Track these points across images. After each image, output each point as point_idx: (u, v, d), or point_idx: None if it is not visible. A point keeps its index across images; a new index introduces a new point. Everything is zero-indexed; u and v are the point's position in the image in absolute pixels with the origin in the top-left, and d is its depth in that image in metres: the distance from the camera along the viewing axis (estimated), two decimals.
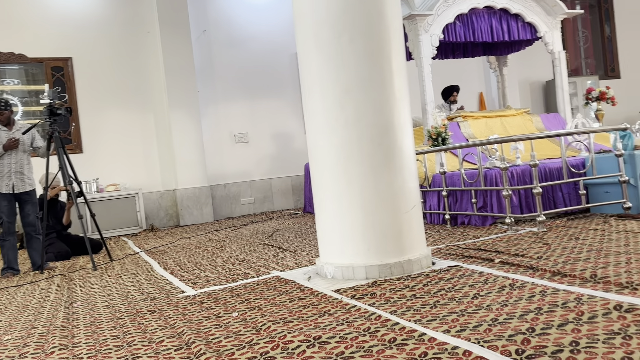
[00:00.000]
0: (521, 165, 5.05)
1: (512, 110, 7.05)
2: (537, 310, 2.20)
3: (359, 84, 3.21)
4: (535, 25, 6.50)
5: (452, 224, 5.23)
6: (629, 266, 2.79)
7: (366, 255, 3.22)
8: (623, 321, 1.96)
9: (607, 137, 5.81)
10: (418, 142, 6.21)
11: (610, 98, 6.58)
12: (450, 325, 2.13)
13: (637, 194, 4.58)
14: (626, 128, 4.72)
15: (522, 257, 3.33)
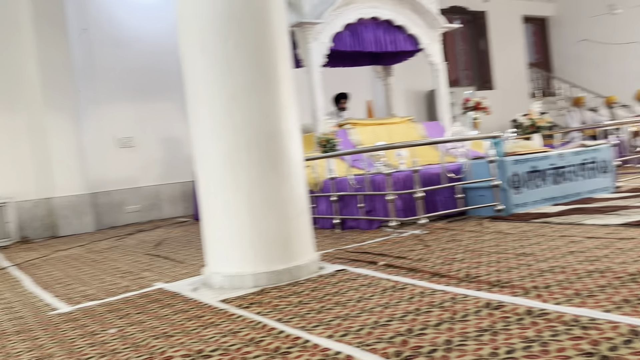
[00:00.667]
0: (405, 170, 5.27)
1: (397, 118, 7.36)
2: (415, 311, 2.29)
3: (246, 90, 3.17)
4: (418, 37, 6.84)
5: (341, 228, 5.33)
6: (498, 265, 2.99)
7: (254, 262, 3.18)
8: (491, 318, 2.09)
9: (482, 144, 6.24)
10: (309, 148, 6.28)
11: (485, 108, 7.08)
12: (335, 330, 2.16)
13: (507, 197, 4.96)
14: (498, 136, 5.10)
15: (404, 259, 3.47)
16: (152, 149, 8.69)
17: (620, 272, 2.54)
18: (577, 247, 3.24)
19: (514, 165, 5.02)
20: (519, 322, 2.00)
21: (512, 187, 4.99)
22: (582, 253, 3.05)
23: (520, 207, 5.01)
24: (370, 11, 6.43)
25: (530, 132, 6.42)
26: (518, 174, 5.04)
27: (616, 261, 2.77)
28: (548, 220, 4.34)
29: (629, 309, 2.02)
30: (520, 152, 5.20)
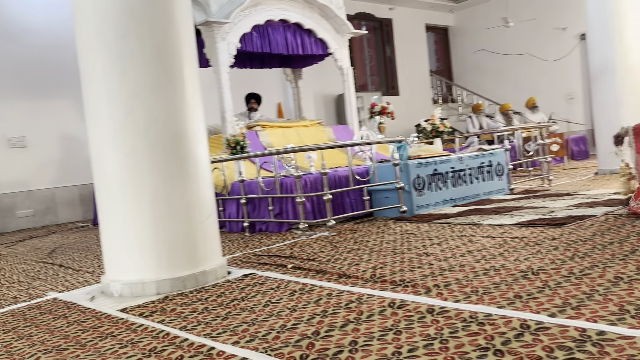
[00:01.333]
0: (314, 173, 5.31)
1: (306, 121, 7.40)
2: (322, 313, 2.30)
3: (148, 87, 3.04)
4: (326, 41, 6.92)
5: (250, 231, 5.27)
6: (402, 265, 3.08)
7: (157, 269, 3.05)
8: (395, 317, 2.14)
9: (388, 148, 6.42)
10: (217, 150, 6.16)
11: (390, 113, 7.30)
12: (240, 336, 2.11)
13: (411, 199, 5.13)
14: (402, 140, 5.27)
15: (313, 261, 3.48)
16: (47, 149, 8.14)
17: (513, 270, 2.69)
18: (474, 246, 3.41)
19: (417, 169, 5.21)
20: (421, 321, 2.06)
21: (415, 189, 5.17)
22: (479, 252, 3.21)
23: (423, 208, 5.21)
24: (279, 13, 6.43)
25: (432, 137, 6.70)
26: (421, 177, 5.23)
27: (510, 259, 2.94)
28: (448, 221, 4.54)
29: (520, 304, 2.14)
30: (423, 156, 5.40)
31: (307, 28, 6.70)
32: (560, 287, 2.31)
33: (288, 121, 7.54)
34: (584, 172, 7.87)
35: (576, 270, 2.54)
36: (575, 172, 8.05)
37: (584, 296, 2.15)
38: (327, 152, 5.42)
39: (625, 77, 7.64)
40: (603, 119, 7.26)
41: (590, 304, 2.05)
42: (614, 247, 2.95)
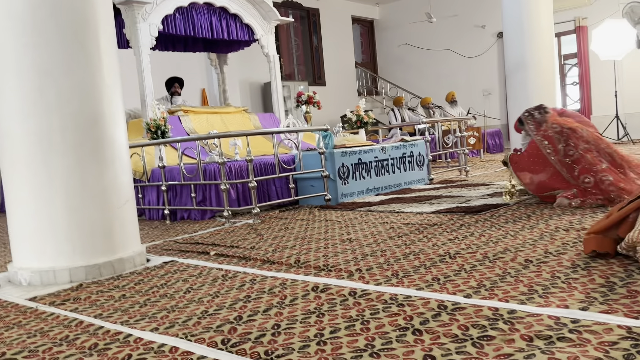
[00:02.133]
0: (239, 160, 5.24)
1: (232, 107, 7.28)
2: (245, 299, 2.27)
3: (63, 66, 2.87)
4: (253, 27, 6.82)
5: (171, 219, 5.13)
6: (326, 251, 3.10)
7: (71, 256, 2.90)
8: (318, 300, 2.15)
9: (313, 137, 6.45)
10: (137, 134, 5.93)
11: (317, 102, 7.33)
12: (160, 323, 2.05)
13: (336, 187, 5.18)
14: (327, 129, 5.30)
15: (237, 248, 3.43)
16: None
17: (432, 254, 2.78)
18: (395, 232, 3.49)
19: (342, 158, 5.27)
20: (343, 303, 2.08)
21: (340, 178, 5.23)
22: (400, 238, 3.30)
23: (347, 196, 5.28)
24: None
25: (357, 127, 6.80)
26: (346, 166, 5.30)
27: (428, 244, 3.04)
28: (371, 209, 4.63)
29: (438, 286, 2.22)
30: (348, 145, 5.47)
31: (232, 12, 6.57)
32: (476, 270, 2.41)
33: (212, 107, 7.39)
34: (499, 165, 8.27)
35: (490, 255, 2.66)
36: (491, 164, 8.45)
37: (497, 278, 2.26)
38: (253, 139, 5.36)
39: (536, 74, 8.10)
40: (516, 114, 7.63)
41: (502, 285, 2.16)
42: (525, 233, 3.11)
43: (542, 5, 8.12)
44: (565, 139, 4.01)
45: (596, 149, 3.97)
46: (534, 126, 4.24)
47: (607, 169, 3.84)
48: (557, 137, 4.04)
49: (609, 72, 10.55)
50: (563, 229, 3.13)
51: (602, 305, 1.81)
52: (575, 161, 3.94)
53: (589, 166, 3.88)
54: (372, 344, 1.65)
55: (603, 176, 3.81)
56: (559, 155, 4.00)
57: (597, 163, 3.88)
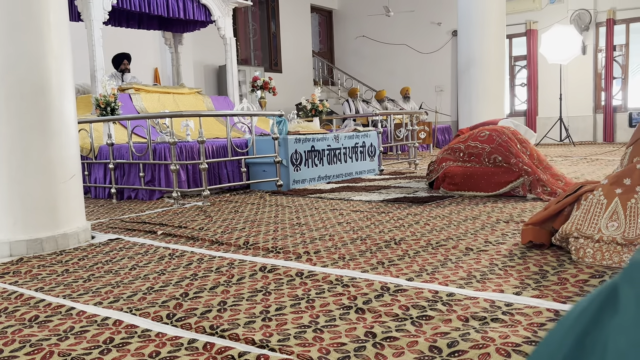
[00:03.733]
0: (190, 142, 5.18)
1: (185, 88, 7.17)
2: (192, 277, 2.28)
3: (9, 32, 2.76)
4: (209, 8, 6.73)
5: (118, 198, 5.03)
6: (275, 234, 3.13)
7: (12, 230, 2.82)
8: (265, 280, 2.18)
9: (267, 122, 6.44)
10: (85, 110, 5.76)
11: (272, 88, 7.30)
12: (104, 297, 2.03)
13: (288, 173, 5.21)
14: (282, 115, 5.31)
15: (185, 228, 3.41)
16: None
17: (378, 240, 2.86)
18: (344, 219, 3.56)
19: (296, 144, 5.30)
20: (290, 283, 2.12)
21: (292, 164, 5.25)
22: (349, 224, 3.36)
23: (299, 183, 5.32)
24: None
25: (311, 116, 6.83)
26: (299, 152, 5.33)
27: (375, 231, 3.11)
28: (322, 196, 4.68)
29: (382, 269, 2.29)
30: (302, 132, 5.50)
31: None
32: (419, 256, 2.49)
33: (165, 87, 7.25)
34: None
35: (433, 242, 2.76)
36: None
37: (439, 264, 2.34)
38: (206, 121, 5.32)
39: (487, 73, 8.33)
40: (465, 111, 7.87)
41: (443, 270, 2.24)
42: (467, 223, 3.23)
43: (495, 6, 8.35)
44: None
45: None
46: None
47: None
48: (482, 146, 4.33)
49: (555, 75, 10.97)
50: (503, 220, 3.27)
51: (534, 291, 1.92)
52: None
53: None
54: (317, 321, 1.69)
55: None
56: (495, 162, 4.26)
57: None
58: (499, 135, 4.28)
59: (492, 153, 4.22)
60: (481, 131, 4.42)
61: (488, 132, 4.35)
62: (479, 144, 4.32)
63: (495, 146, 4.22)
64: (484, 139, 4.32)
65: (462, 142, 4.47)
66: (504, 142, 4.21)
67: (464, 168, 4.33)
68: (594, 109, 11.21)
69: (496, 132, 4.32)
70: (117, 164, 5.02)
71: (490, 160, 4.22)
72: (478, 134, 4.41)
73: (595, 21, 10.92)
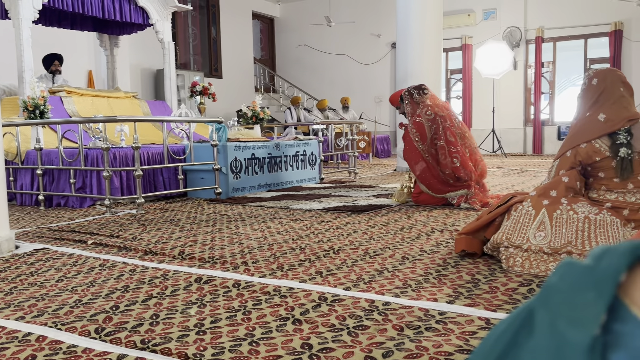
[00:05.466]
0: (125, 147, 5.01)
1: (120, 92, 6.95)
2: (123, 289, 2.19)
3: None
4: (148, 11, 6.57)
5: (46, 205, 4.80)
6: (212, 244, 3.07)
7: None
8: (201, 292, 2.13)
9: (207, 128, 6.34)
10: (12, 113, 5.48)
11: (212, 94, 7.21)
12: (26, 312, 1.92)
13: (227, 181, 5.14)
14: (221, 121, 5.23)
15: (117, 238, 3.29)
16: None
17: (317, 249, 2.86)
18: (284, 228, 3.54)
19: (235, 152, 5.23)
20: (227, 295, 2.08)
21: (232, 171, 5.19)
22: (288, 233, 3.35)
23: (238, 191, 5.25)
24: None
25: (252, 123, 6.78)
26: (238, 160, 5.27)
27: (314, 240, 3.11)
28: (262, 204, 4.64)
29: (320, 279, 2.29)
30: (242, 139, 5.44)
31: None
32: (356, 265, 2.51)
33: (99, 90, 7.00)
34: (385, 169, 8.64)
35: (371, 251, 2.78)
36: (378, 168, 8.80)
37: (376, 273, 2.37)
38: (141, 126, 5.17)
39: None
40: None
41: (380, 279, 2.27)
42: (404, 232, 3.29)
43: (433, 21, 8.59)
44: (436, 127, 4.29)
45: (461, 141, 4.31)
46: (410, 108, 4.44)
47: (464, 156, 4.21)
48: (427, 124, 4.30)
49: (488, 89, 11.41)
50: (438, 230, 3.35)
51: (466, 299, 1.97)
52: (440, 147, 4.25)
53: (452, 148, 4.21)
54: (252, 333, 1.67)
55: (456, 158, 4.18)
56: (426, 145, 4.28)
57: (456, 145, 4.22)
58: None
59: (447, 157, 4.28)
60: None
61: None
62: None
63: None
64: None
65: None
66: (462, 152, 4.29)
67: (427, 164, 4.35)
68: (524, 122, 11.73)
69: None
70: (45, 169, 4.79)
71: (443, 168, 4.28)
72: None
73: (525, 38, 11.46)
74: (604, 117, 2.42)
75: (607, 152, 2.41)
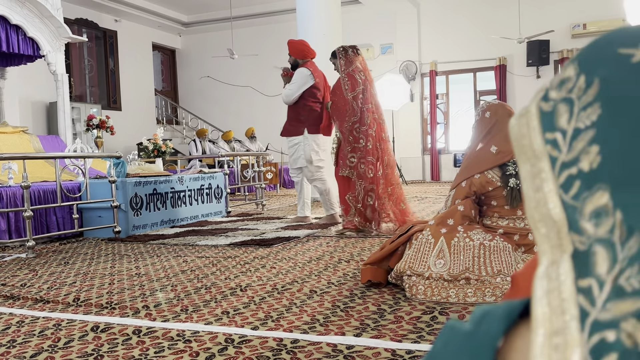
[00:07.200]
0: (13, 186, 4.66)
1: (9, 127, 6.49)
2: (9, 344, 2.00)
3: None
4: (38, 42, 6.23)
5: None
6: (111, 287, 2.90)
7: None
8: (98, 341, 1.99)
9: (105, 164, 6.06)
10: None
11: (110, 127, 6.93)
12: None
13: (127, 219, 4.91)
14: (120, 156, 5.02)
15: (4, 286, 3.02)
16: None
17: (224, 287, 2.79)
18: (188, 266, 3.42)
19: (136, 187, 5.03)
20: (126, 343, 1.96)
21: (132, 208, 4.97)
22: (193, 271, 3.24)
23: (139, 229, 5.03)
24: None
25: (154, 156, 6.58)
26: (139, 196, 5.06)
27: (221, 277, 3.04)
28: (165, 242, 4.48)
29: (227, 319, 2.22)
30: (143, 175, 5.25)
31: (14, 23, 5.93)
32: (264, 302, 2.47)
33: None
34: (293, 199, 8.68)
35: (279, 286, 2.76)
36: (286, 199, 8.82)
37: (284, 309, 2.34)
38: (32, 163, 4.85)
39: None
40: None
41: (288, 315, 2.24)
42: (312, 265, 3.30)
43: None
44: (363, 89, 4.44)
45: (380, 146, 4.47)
46: (344, 61, 4.58)
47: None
48: (359, 81, 4.45)
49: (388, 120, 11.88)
50: (345, 260, 3.39)
51: (373, 331, 1.99)
52: (361, 120, 4.38)
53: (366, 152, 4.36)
54: None
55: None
56: (357, 101, 4.40)
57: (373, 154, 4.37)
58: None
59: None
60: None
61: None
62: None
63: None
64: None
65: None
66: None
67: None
68: (422, 151, 12.31)
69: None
70: None
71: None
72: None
73: (420, 72, 12.11)
74: (495, 149, 2.60)
75: (499, 182, 2.58)
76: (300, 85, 4.94)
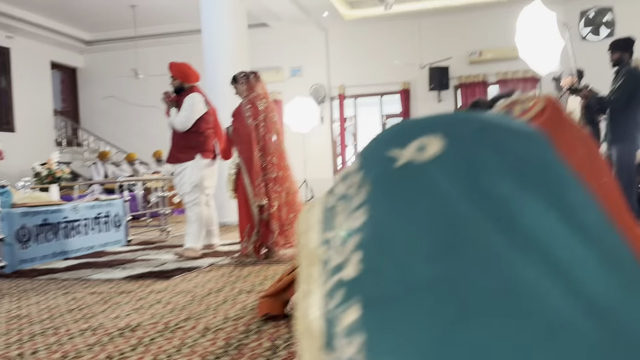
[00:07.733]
0: None
1: None
2: None
3: None
4: None
5: None
6: None
7: None
8: None
9: None
10: None
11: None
12: None
13: (13, 252, 4.54)
14: (4, 185, 4.66)
15: None
16: None
17: (112, 328, 2.62)
18: (77, 304, 3.20)
19: (23, 218, 4.67)
20: None
21: (19, 241, 4.60)
22: (81, 310, 3.03)
23: (27, 263, 4.66)
24: None
25: (48, 182, 6.18)
26: (27, 228, 4.70)
27: (111, 316, 2.86)
28: (55, 277, 4.18)
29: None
30: (31, 204, 4.89)
31: None
32: (154, 343, 2.34)
33: None
34: None
35: (172, 324, 2.63)
36: None
37: (174, 350, 2.23)
38: None
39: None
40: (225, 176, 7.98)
41: (178, 357, 2.14)
42: (210, 298, 3.19)
43: None
44: (265, 117, 4.43)
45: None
46: (246, 87, 4.52)
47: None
48: (261, 108, 4.42)
49: (299, 142, 11.95)
50: (246, 291, 3.31)
51: None
52: (263, 148, 4.36)
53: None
54: None
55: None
56: (259, 130, 4.37)
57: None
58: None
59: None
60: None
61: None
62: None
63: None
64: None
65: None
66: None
67: None
68: (333, 172, 12.48)
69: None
70: None
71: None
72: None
73: (329, 95, 12.32)
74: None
75: None
76: (194, 112, 4.85)
